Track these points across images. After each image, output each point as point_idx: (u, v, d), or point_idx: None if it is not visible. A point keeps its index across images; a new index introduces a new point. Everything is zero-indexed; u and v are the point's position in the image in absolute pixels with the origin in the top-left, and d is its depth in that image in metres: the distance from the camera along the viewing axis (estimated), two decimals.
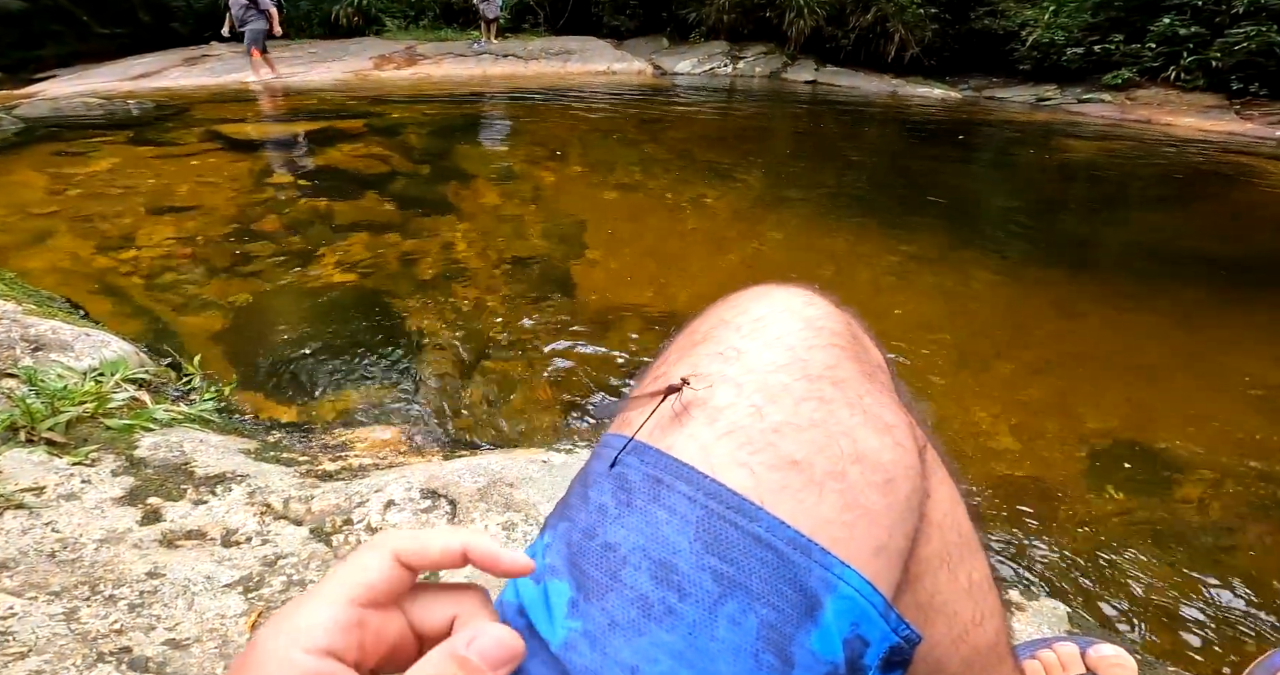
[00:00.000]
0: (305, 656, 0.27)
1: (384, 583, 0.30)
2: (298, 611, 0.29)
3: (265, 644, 0.28)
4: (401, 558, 0.30)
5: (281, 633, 0.28)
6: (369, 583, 0.29)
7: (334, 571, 0.30)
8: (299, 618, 0.28)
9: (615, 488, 0.35)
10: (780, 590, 0.31)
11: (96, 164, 3.96)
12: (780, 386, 0.36)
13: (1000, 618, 0.45)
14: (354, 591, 0.29)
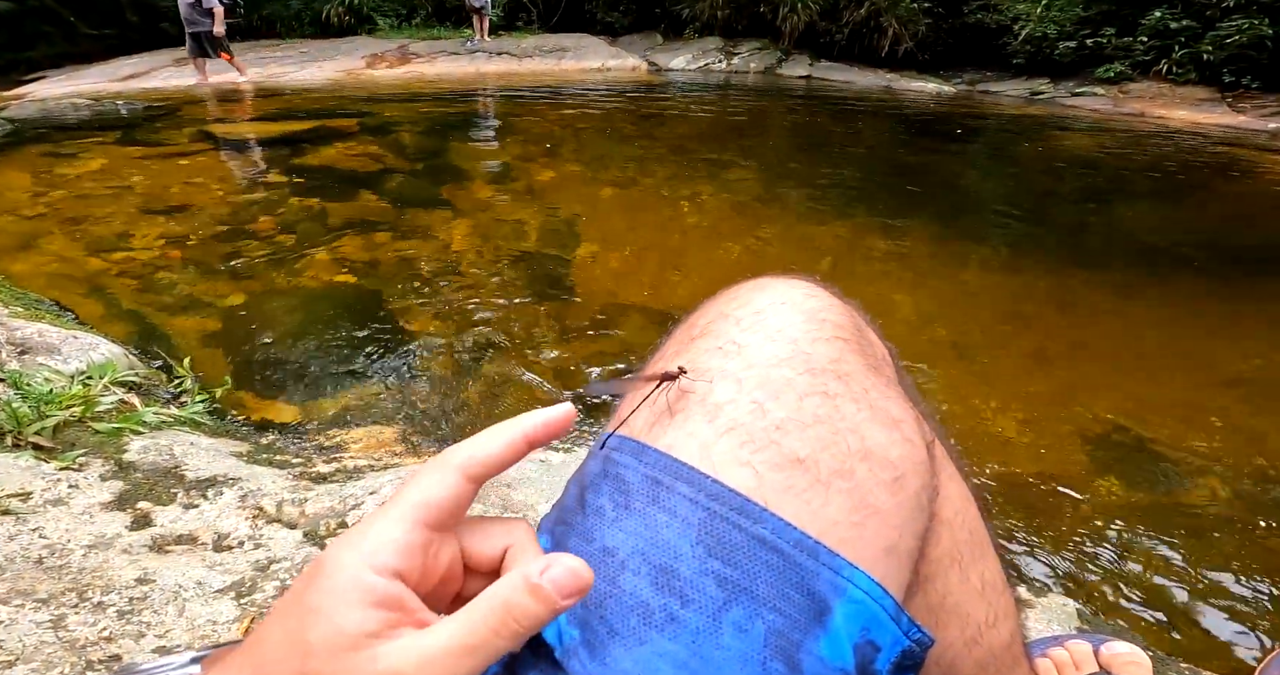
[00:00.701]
0: (376, 577, 0.27)
1: (450, 500, 0.29)
2: (369, 530, 0.28)
3: (336, 561, 0.27)
4: (468, 473, 0.29)
5: (353, 551, 0.27)
6: (436, 502, 0.29)
7: (400, 492, 0.29)
8: (370, 537, 0.28)
9: (612, 489, 0.33)
10: (787, 595, 0.30)
11: (86, 165, 3.93)
12: (783, 381, 0.35)
13: (1014, 619, 0.44)
14: (420, 511, 0.28)
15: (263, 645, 0.27)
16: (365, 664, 0.25)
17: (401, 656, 0.26)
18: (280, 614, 0.28)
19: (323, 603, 0.26)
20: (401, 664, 0.25)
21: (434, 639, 0.26)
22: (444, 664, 0.26)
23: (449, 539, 0.30)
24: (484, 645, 0.26)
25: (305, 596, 0.27)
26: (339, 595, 0.26)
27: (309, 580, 0.27)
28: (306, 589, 0.27)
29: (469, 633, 0.26)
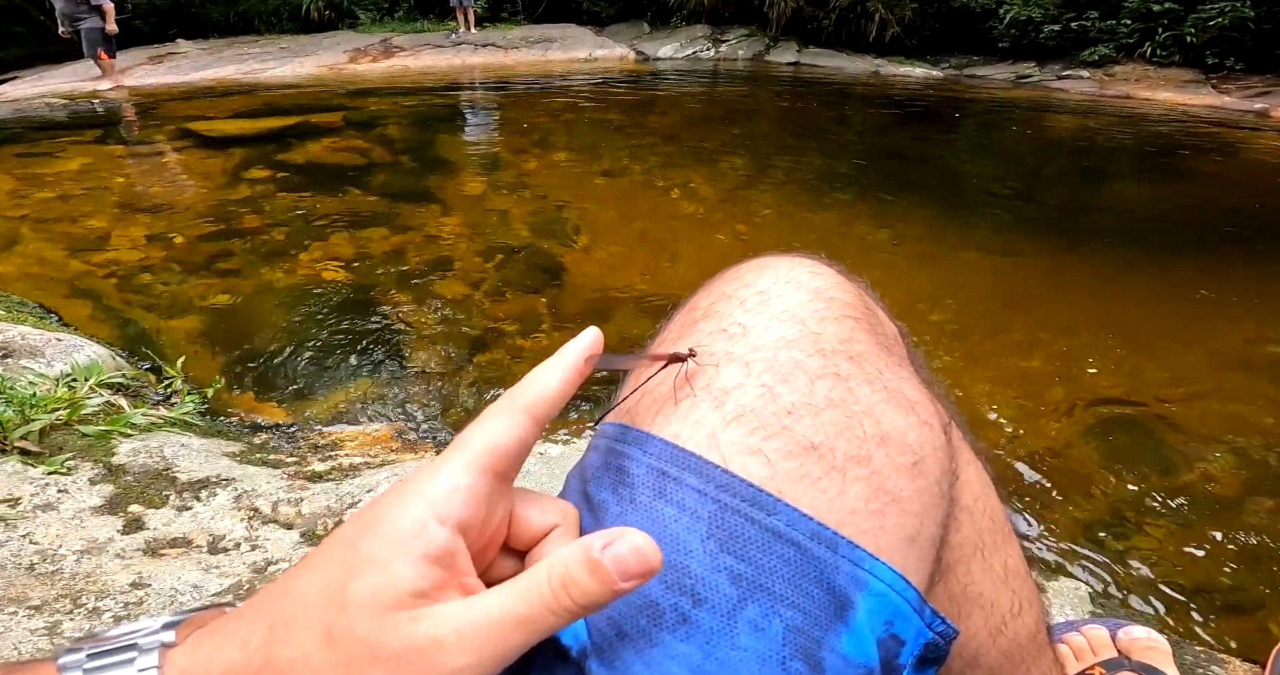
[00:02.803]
0: (440, 529, 0.25)
1: (516, 444, 0.28)
2: (437, 475, 0.26)
3: (401, 508, 0.25)
4: (534, 414, 0.28)
5: (420, 498, 0.25)
6: (504, 448, 0.27)
7: (464, 436, 0.27)
8: (439, 482, 0.26)
9: (615, 483, 0.32)
10: (806, 590, 0.28)
11: (64, 165, 3.85)
12: (792, 364, 0.33)
13: (1038, 606, 0.43)
14: (487, 457, 0.27)
15: (289, 596, 0.24)
16: (405, 625, 0.23)
17: (446, 623, 0.24)
18: (320, 562, 0.25)
19: (380, 552, 0.24)
20: (444, 631, 0.24)
21: (483, 608, 0.24)
22: (490, 636, 0.24)
23: (505, 495, 0.28)
24: (534, 621, 0.24)
25: (360, 543, 0.24)
26: (399, 546, 0.24)
27: (366, 527, 0.25)
28: (361, 536, 0.25)
29: (521, 605, 0.24)
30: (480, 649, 0.24)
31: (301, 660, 0.23)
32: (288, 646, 0.23)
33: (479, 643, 0.24)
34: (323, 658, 0.23)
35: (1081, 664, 0.68)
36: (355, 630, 0.23)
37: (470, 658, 0.24)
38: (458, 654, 0.23)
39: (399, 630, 0.23)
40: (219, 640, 0.24)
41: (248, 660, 0.23)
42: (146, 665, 0.23)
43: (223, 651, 0.24)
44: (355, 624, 0.23)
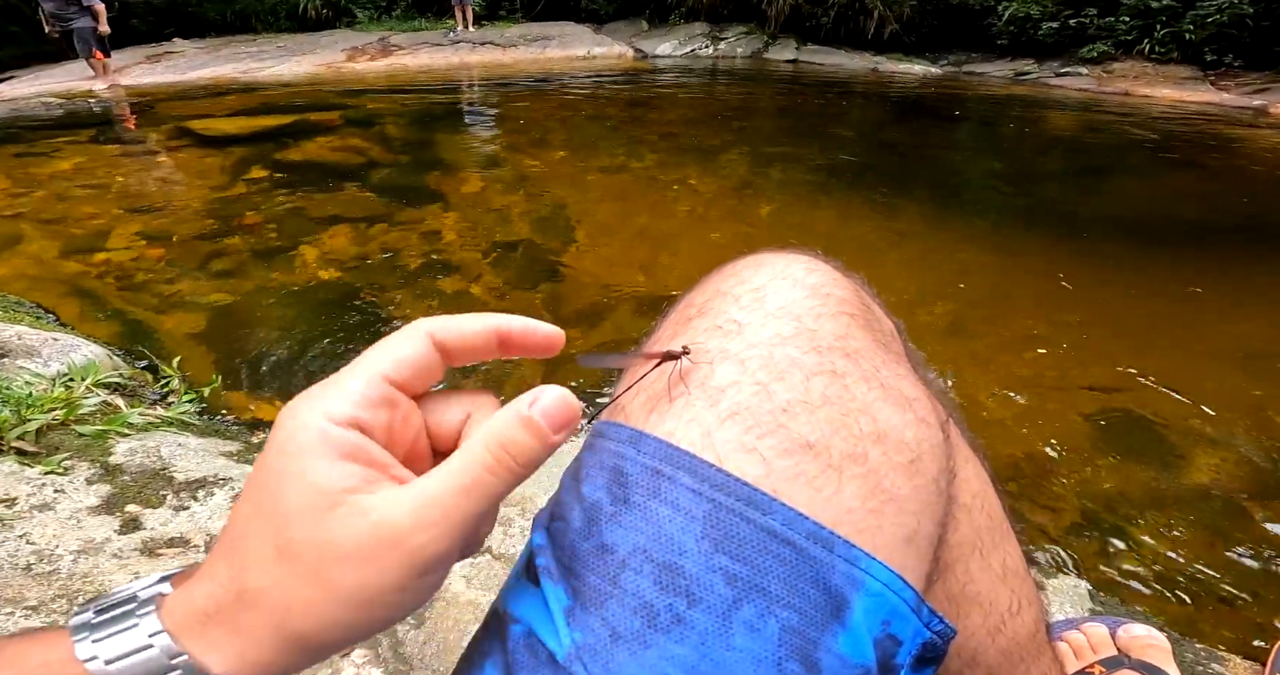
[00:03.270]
0: (333, 426, 0.25)
1: (417, 360, 0.28)
2: (327, 386, 0.27)
3: (293, 416, 0.25)
4: (436, 337, 0.28)
5: (310, 404, 0.26)
6: (401, 359, 0.27)
7: (366, 352, 0.28)
8: (329, 390, 0.26)
9: (609, 482, 0.31)
10: (801, 590, 0.28)
11: (61, 164, 3.84)
12: (788, 361, 0.33)
13: (1037, 605, 0.43)
14: (385, 367, 0.27)
15: (233, 529, 0.25)
16: (349, 519, 0.24)
17: (394, 507, 0.24)
18: (247, 493, 0.26)
19: (289, 464, 0.25)
20: (395, 515, 0.24)
21: (424, 486, 0.25)
22: (440, 508, 0.25)
23: (415, 409, 0.29)
24: (479, 484, 0.25)
25: (273, 463, 0.25)
26: (306, 452, 0.25)
27: (275, 447, 0.25)
28: (273, 456, 0.25)
29: (462, 473, 0.25)
30: (435, 523, 0.24)
31: (270, 584, 0.24)
32: (251, 573, 0.24)
33: (431, 517, 0.24)
34: (286, 573, 0.24)
35: (1081, 662, 0.68)
36: (304, 539, 0.24)
37: (428, 534, 0.24)
38: (414, 532, 0.24)
39: (346, 526, 0.24)
40: (198, 582, 0.25)
41: (225, 592, 0.24)
42: (145, 611, 0.25)
43: (204, 587, 0.25)
44: (299, 534, 0.24)
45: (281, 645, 0.24)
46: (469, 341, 0.29)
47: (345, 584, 0.24)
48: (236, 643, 0.24)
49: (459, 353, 0.29)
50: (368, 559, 0.24)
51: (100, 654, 0.24)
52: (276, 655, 0.25)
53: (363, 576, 0.24)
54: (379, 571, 0.24)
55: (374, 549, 0.24)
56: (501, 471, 0.25)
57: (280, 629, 0.24)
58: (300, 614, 0.24)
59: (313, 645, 0.25)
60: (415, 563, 0.25)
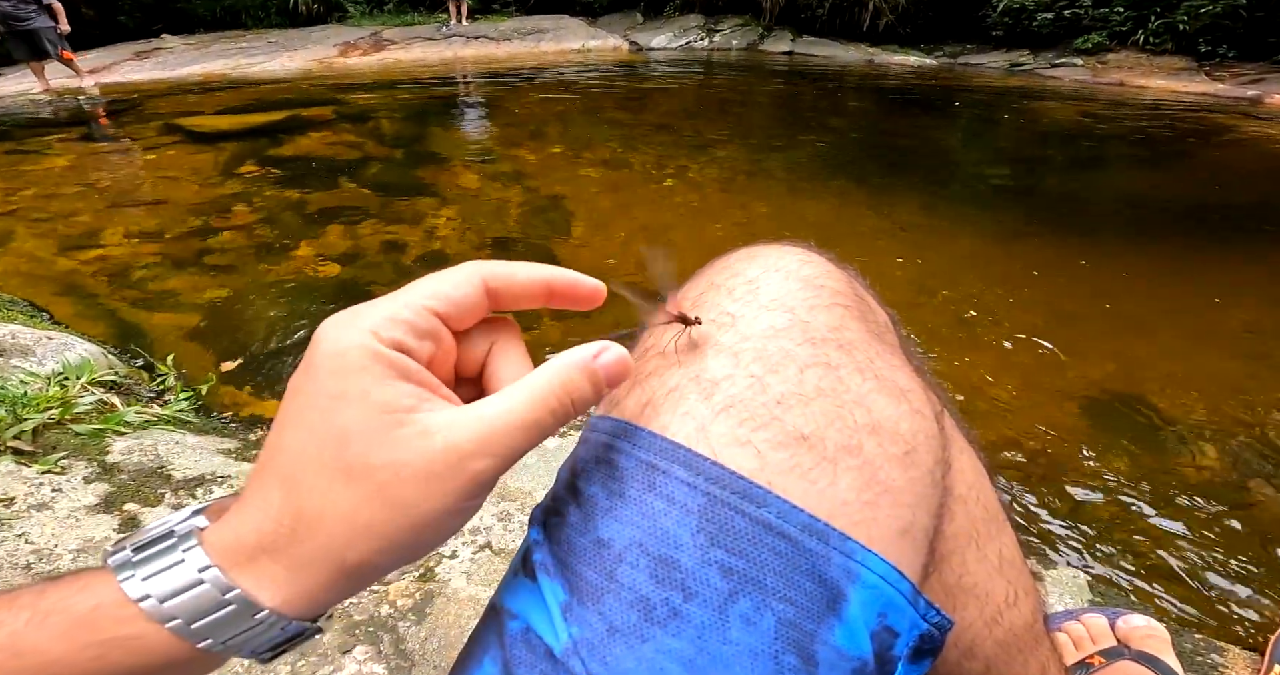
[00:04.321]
0: (384, 347, 0.25)
1: (465, 299, 0.28)
2: (374, 306, 0.26)
3: (337, 342, 0.25)
4: (489, 281, 0.29)
5: (355, 323, 0.25)
6: (450, 296, 0.27)
7: (416, 282, 0.28)
8: (375, 310, 0.26)
9: (605, 476, 0.31)
10: (797, 583, 0.28)
11: (51, 162, 3.81)
12: (781, 353, 0.32)
13: (1035, 596, 0.43)
14: (434, 301, 0.27)
15: (284, 456, 0.25)
16: (417, 440, 0.24)
17: (459, 430, 0.25)
18: (293, 418, 0.25)
19: (346, 384, 0.24)
20: (461, 438, 0.24)
21: (493, 411, 0.25)
22: (505, 438, 0.25)
23: (454, 345, 0.29)
24: (539, 423, 0.26)
25: (321, 385, 0.24)
26: (360, 373, 0.24)
27: (319, 370, 0.25)
28: (318, 378, 0.25)
29: (528, 409, 0.26)
30: (497, 452, 0.25)
31: (333, 507, 0.24)
32: (311, 496, 0.24)
33: (495, 446, 0.25)
34: (351, 495, 0.24)
35: (1080, 653, 0.69)
36: (371, 459, 0.24)
37: (490, 461, 0.25)
38: (479, 457, 0.25)
39: (414, 445, 0.24)
40: (243, 511, 0.25)
41: (277, 521, 0.24)
42: (189, 546, 0.24)
43: (250, 520, 0.24)
44: (367, 453, 0.24)
45: (335, 573, 0.24)
46: (519, 288, 0.29)
47: (411, 503, 0.24)
48: (290, 573, 0.24)
49: (507, 298, 0.29)
50: (435, 478, 0.24)
51: (152, 592, 0.23)
52: (328, 584, 0.24)
53: (428, 495, 0.24)
54: (443, 492, 0.24)
55: (441, 469, 0.24)
56: (561, 414, 0.27)
57: (338, 555, 0.24)
58: (362, 538, 0.24)
59: (364, 571, 0.25)
60: (473, 486, 0.25)
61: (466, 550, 0.93)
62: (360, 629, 0.80)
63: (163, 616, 0.23)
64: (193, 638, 0.24)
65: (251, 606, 0.24)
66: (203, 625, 0.23)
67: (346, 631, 0.80)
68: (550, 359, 0.28)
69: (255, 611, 0.24)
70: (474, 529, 0.97)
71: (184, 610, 0.23)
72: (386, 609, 0.83)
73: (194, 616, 0.23)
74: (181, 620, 0.23)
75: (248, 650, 0.25)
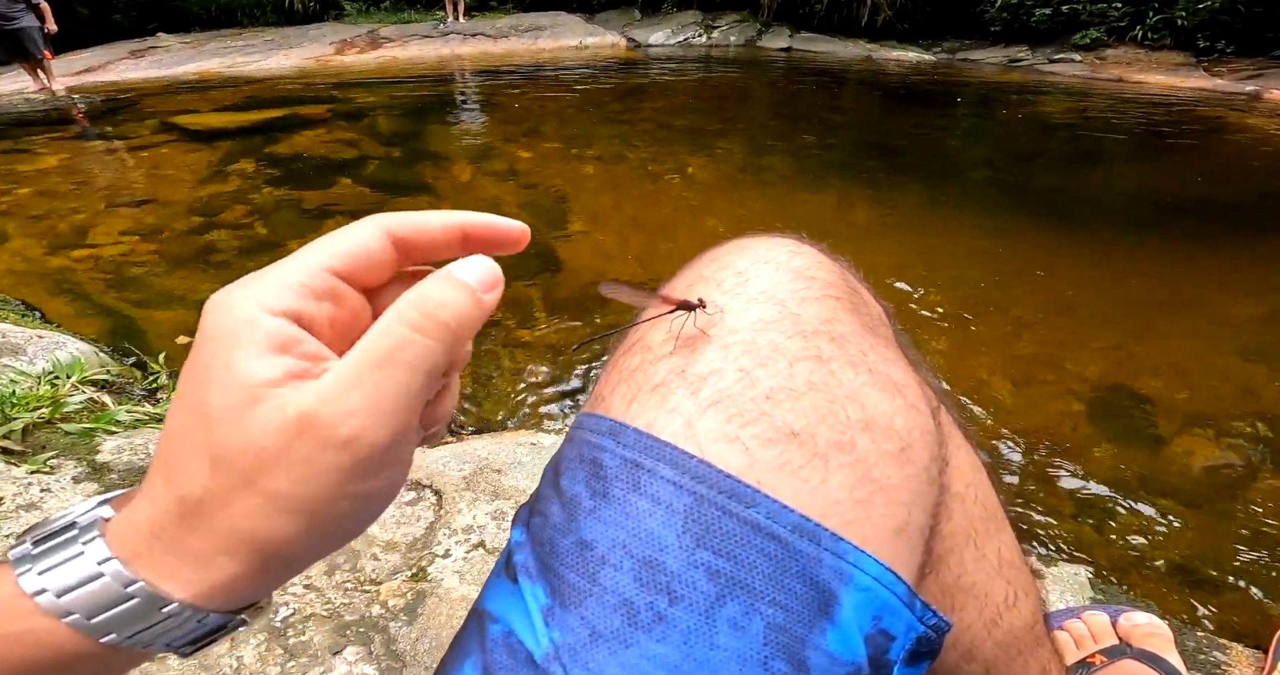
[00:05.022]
0: (265, 315, 0.23)
1: (366, 252, 0.25)
2: (264, 274, 0.24)
3: (225, 306, 0.23)
4: (393, 231, 0.26)
5: (242, 290, 0.23)
6: (347, 250, 0.25)
7: (312, 242, 0.25)
8: (265, 276, 0.24)
9: (588, 475, 0.30)
10: (787, 586, 0.27)
11: (45, 160, 3.80)
12: (771, 346, 0.31)
13: (1035, 596, 0.42)
14: (330, 260, 0.25)
15: (166, 438, 0.23)
16: (272, 415, 0.21)
17: (310, 396, 0.22)
18: (178, 393, 0.23)
19: (215, 356, 0.22)
20: (310, 404, 0.21)
21: (340, 365, 0.22)
22: (361, 386, 0.22)
23: (366, 306, 0.26)
24: (402, 348, 0.22)
25: (201, 357, 0.23)
26: (232, 342, 0.22)
27: (203, 340, 0.23)
28: (200, 349, 0.23)
29: (381, 339, 0.22)
30: (359, 408, 0.22)
31: (207, 494, 0.22)
32: (188, 484, 0.22)
33: (353, 401, 0.22)
34: (220, 483, 0.22)
35: (1082, 651, 0.68)
36: (231, 441, 0.21)
37: (353, 421, 0.22)
38: (341, 419, 0.21)
39: (268, 423, 0.21)
40: (139, 502, 0.23)
41: (164, 511, 0.22)
42: (89, 537, 0.23)
43: (141, 509, 0.23)
44: (226, 437, 0.22)
45: (239, 564, 0.22)
46: (429, 236, 0.26)
47: (279, 491, 0.21)
48: (189, 564, 0.22)
49: (419, 248, 0.26)
50: (296, 461, 0.21)
51: (49, 586, 0.22)
52: (238, 574, 0.23)
53: (295, 480, 0.21)
54: (311, 474, 0.22)
55: (299, 448, 0.21)
56: (431, 328, 0.23)
57: (230, 545, 0.22)
58: (246, 527, 0.22)
59: (274, 561, 0.23)
60: (351, 460, 0.22)
61: (459, 549, 0.92)
62: (351, 629, 0.79)
63: (60, 611, 0.22)
64: (94, 633, 0.22)
65: (157, 599, 0.22)
66: (104, 620, 0.22)
67: (337, 632, 0.79)
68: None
69: (162, 604, 0.22)
70: (467, 528, 0.96)
71: (82, 605, 0.22)
72: (378, 609, 0.82)
73: (94, 611, 0.22)
74: (80, 615, 0.22)
75: (161, 645, 0.23)
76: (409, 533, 0.95)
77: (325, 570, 0.89)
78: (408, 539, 0.94)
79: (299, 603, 0.83)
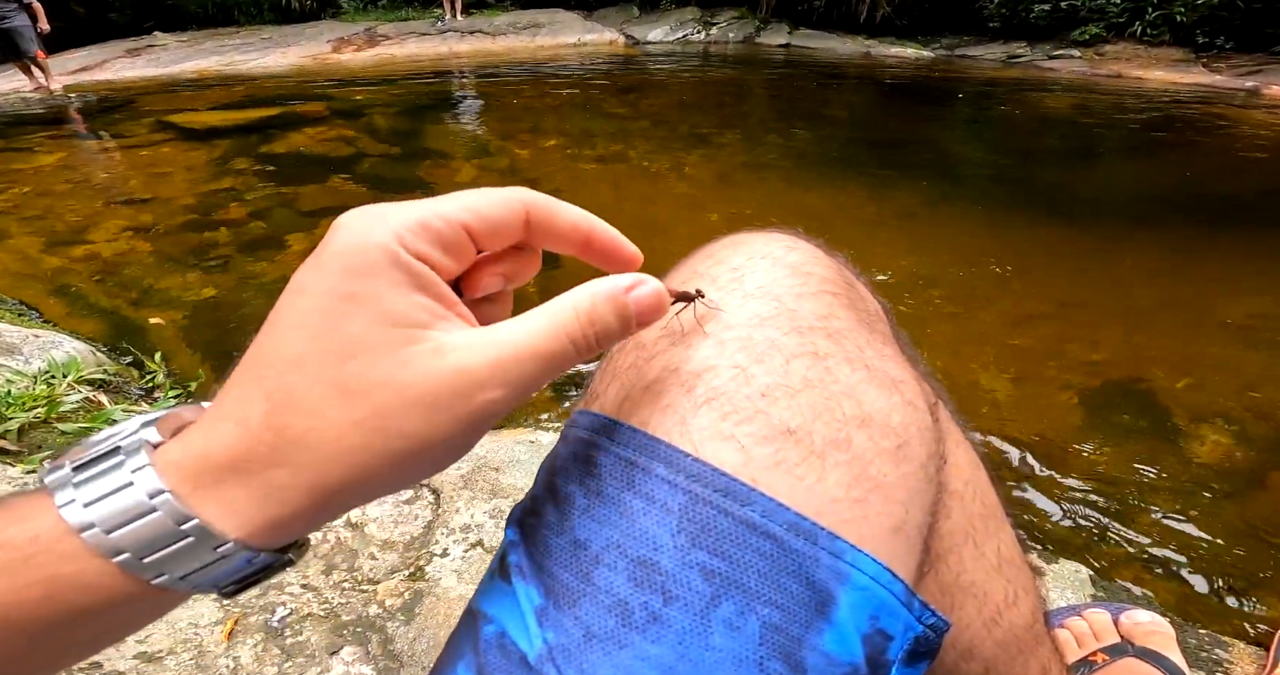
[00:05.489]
0: (406, 252, 0.22)
1: (501, 222, 0.25)
2: (400, 209, 0.23)
3: (362, 231, 0.22)
4: (531, 211, 0.26)
5: (381, 220, 0.23)
6: (490, 214, 0.25)
7: (454, 194, 0.25)
8: (401, 214, 0.23)
9: (582, 474, 0.30)
10: (783, 585, 0.26)
11: (42, 160, 3.79)
12: (767, 343, 0.31)
13: (1035, 595, 0.41)
14: (469, 216, 0.25)
15: (276, 363, 0.22)
16: (427, 359, 0.22)
17: (474, 354, 0.22)
18: (293, 319, 0.22)
19: (359, 286, 0.21)
20: (473, 362, 0.22)
21: (510, 336, 0.23)
22: (520, 367, 0.23)
23: (476, 269, 0.27)
24: (559, 352, 0.24)
25: (328, 284, 0.22)
26: (377, 276, 0.22)
27: (325, 269, 0.22)
28: (325, 276, 0.22)
29: (549, 338, 0.24)
30: (511, 382, 0.23)
31: (321, 425, 0.21)
32: (298, 414, 0.21)
33: (511, 375, 0.23)
34: (344, 415, 0.21)
35: (1083, 650, 0.67)
36: (373, 375, 0.21)
37: (503, 391, 0.23)
38: (492, 386, 0.22)
39: (423, 365, 0.22)
40: (213, 425, 0.22)
41: (255, 439, 0.21)
42: (138, 465, 0.21)
43: (220, 435, 0.21)
44: (370, 368, 0.21)
45: (311, 500, 0.21)
46: (559, 229, 0.27)
47: (408, 430, 0.21)
48: (260, 498, 0.21)
49: (543, 235, 0.27)
50: (439, 406, 0.22)
51: (96, 520, 0.20)
52: (301, 511, 0.22)
53: (430, 423, 0.22)
54: (447, 421, 0.22)
55: (448, 395, 0.22)
56: (583, 346, 0.24)
57: (317, 481, 0.21)
58: (348, 463, 0.21)
59: (343, 499, 0.22)
60: (479, 418, 0.23)
61: (457, 548, 0.92)
62: (348, 629, 0.79)
63: (111, 549, 0.20)
64: (145, 573, 0.21)
65: (212, 538, 0.21)
66: (155, 559, 0.20)
67: (334, 632, 0.79)
68: (576, 288, 0.26)
69: (217, 544, 0.21)
70: (465, 526, 0.96)
71: (133, 543, 0.20)
72: (375, 609, 0.82)
73: (145, 550, 0.20)
74: (130, 554, 0.20)
75: (208, 584, 0.22)
76: (406, 532, 0.95)
77: (323, 570, 0.88)
78: (405, 538, 0.94)
79: (296, 602, 0.83)
